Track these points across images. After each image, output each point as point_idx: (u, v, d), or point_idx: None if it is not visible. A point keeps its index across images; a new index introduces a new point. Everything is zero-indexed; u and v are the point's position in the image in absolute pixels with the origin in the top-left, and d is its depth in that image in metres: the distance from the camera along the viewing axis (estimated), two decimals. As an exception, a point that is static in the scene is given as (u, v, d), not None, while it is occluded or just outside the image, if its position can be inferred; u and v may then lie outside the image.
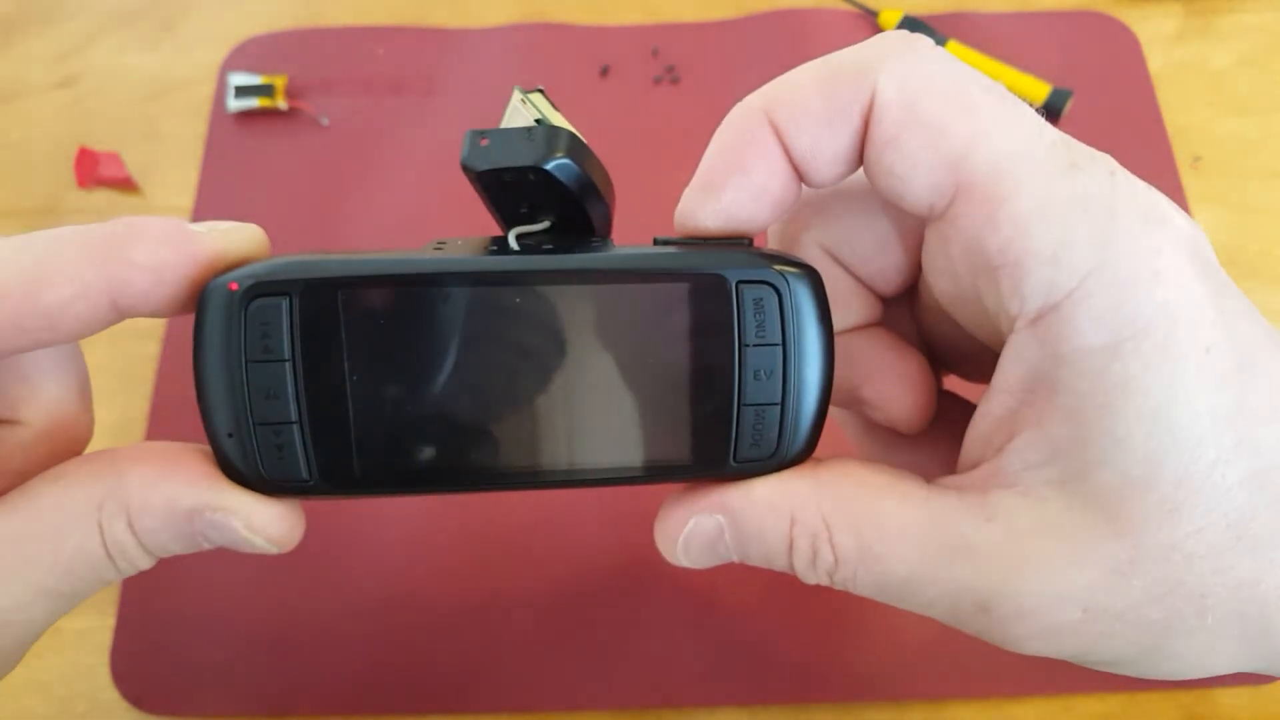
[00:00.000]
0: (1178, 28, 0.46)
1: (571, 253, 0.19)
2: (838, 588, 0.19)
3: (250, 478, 0.18)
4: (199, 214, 0.43)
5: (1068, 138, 0.18)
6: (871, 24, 0.46)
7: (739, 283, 0.19)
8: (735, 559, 0.20)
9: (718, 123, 0.25)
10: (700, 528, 0.20)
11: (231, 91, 0.44)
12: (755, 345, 0.19)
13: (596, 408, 0.19)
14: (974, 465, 0.19)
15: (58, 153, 0.44)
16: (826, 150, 0.18)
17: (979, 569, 0.17)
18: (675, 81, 0.45)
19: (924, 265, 0.20)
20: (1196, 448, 0.16)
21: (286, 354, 0.18)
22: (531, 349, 0.19)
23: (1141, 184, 0.17)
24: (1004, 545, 0.17)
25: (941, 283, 0.19)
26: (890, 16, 0.46)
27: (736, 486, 0.19)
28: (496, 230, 0.22)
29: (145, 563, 0.19)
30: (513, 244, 0.20)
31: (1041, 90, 0.43)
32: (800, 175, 0.19)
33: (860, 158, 0.19)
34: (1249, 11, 0.47)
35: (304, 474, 0.18)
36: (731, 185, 0.19)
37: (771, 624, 0.34)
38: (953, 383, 0.24)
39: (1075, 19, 0.46)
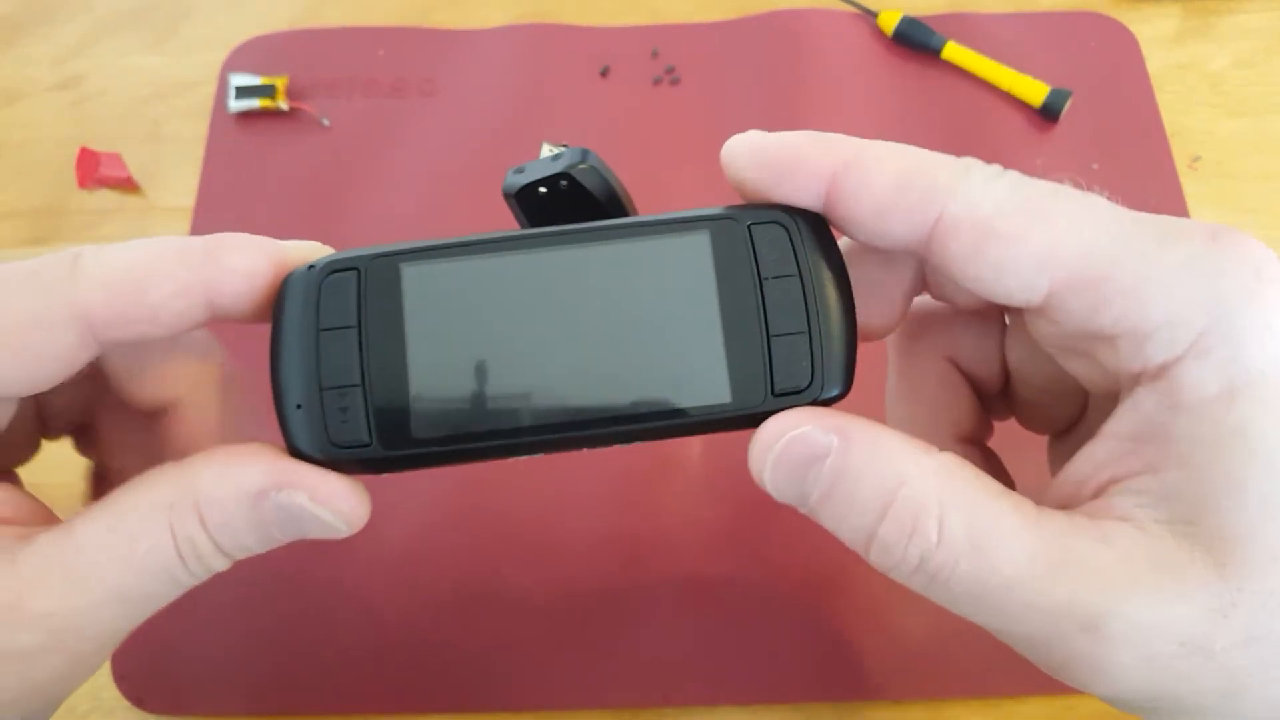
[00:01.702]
0: (1176, 29, 0.47)
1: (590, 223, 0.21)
2: (914, 576, 0.18)
3: (315, 452, 0.20)
4: (200, 214, 0.43)
5: (1158, 216, 0.18)
6: (870, 25, 0.46)
7: (751, 224, 0.20)
8: (814, 499, 0.19)
9: (717, 123, 0.25)
10: (807, 441, 0.18)
11: (232, 92, 0.44)
12: (774, 278, 0.20)
13: (638, 358, 0.20)
14: (1065, 506, 0.19)
15: (59, 153, 0.44)
16: (868, 225, 0.20)
17: (1092, 585, 0.17)
18: (675, 82, 0.45)
19: (1016, 339, 0.22)
20: None
21: (353, 321, 0.20)
22: (571, 308, 0.20)
23: (1249, 241, 0.18)
24: (1119, 567, 0.17)
25: (1039, 358, 0.21)
26: (889, 17, 0.46)
27: (863, 422, 0.19)
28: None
29: (218, 562, 0.20)
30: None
31: (1040, 91, 0.43)
32: (832, 216, 0.20)
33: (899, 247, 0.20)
34: (1247, 13, 0.47)
35: (365, 437, 0.20)
36: (768, 170, 0.20)
37: (772, 623, 0.34)
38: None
39: (1074, 20, 0.46)
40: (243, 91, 0.44)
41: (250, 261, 0.20)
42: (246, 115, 0.45)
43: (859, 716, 0.33)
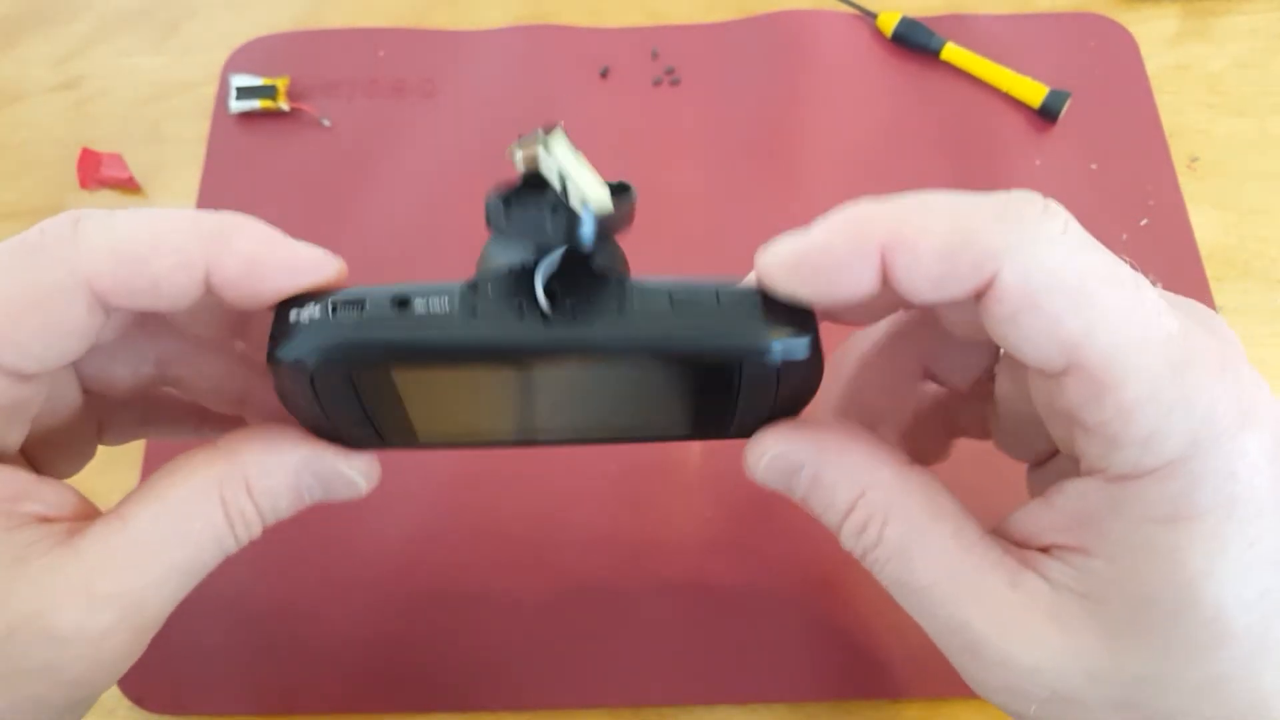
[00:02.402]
0: (1175, 29, 0.47)
1: (596, 316, 0.20)
2: (862, 561, 0.22)
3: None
4: (201, 215, 0.43)
5: (1190, 324, 0.19)
6: (870, 26, 0.47)
7: (744, 362, 0.20)
8: (798, 496, 0.22)
9: (717, 124, 0.24)
10: (792, 455, 0.22)
11: (233, 93, 0.44)
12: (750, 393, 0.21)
13: (623, 413, 0.23)
14: (1017, 543, 0.22)
15: (60, 154, 0.44)
16: (926, 296, 0.19)
17: (986, 617, 0.20)
18: (675, 83, 0.45)
19: (1008, 374, 0.23)
20: (1217, 621, 0.18)
21: (354, 402, 0.21)
22: (572, 396, 0.22)
23: (1248, 374, 0.19)
24: (1016, 612, 0.20)
25: (1024, 401, 0.22)
26: (888, 19, 0.46)
27: (837, 436, 0.22)
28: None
29: (258, 529, 0.22)
30: (541, 301, 0.20)
31: (1039, 92, 0.43)
32: (885, 293, 0.20)
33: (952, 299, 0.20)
34: (1246, 13, 0.47)
35: (379, 444, 0.23)
36: (813, 280, 0.20)
37: (771, 623, 0.34)
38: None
39: (1073, 21, 0.47)
40: (244, 92, 0.44)
41: (253, 249, 0.20)
42: (247, 116, 0.45)
43: (857, 715, 0.33)
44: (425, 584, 0.35)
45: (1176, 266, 0.40)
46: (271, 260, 0.20)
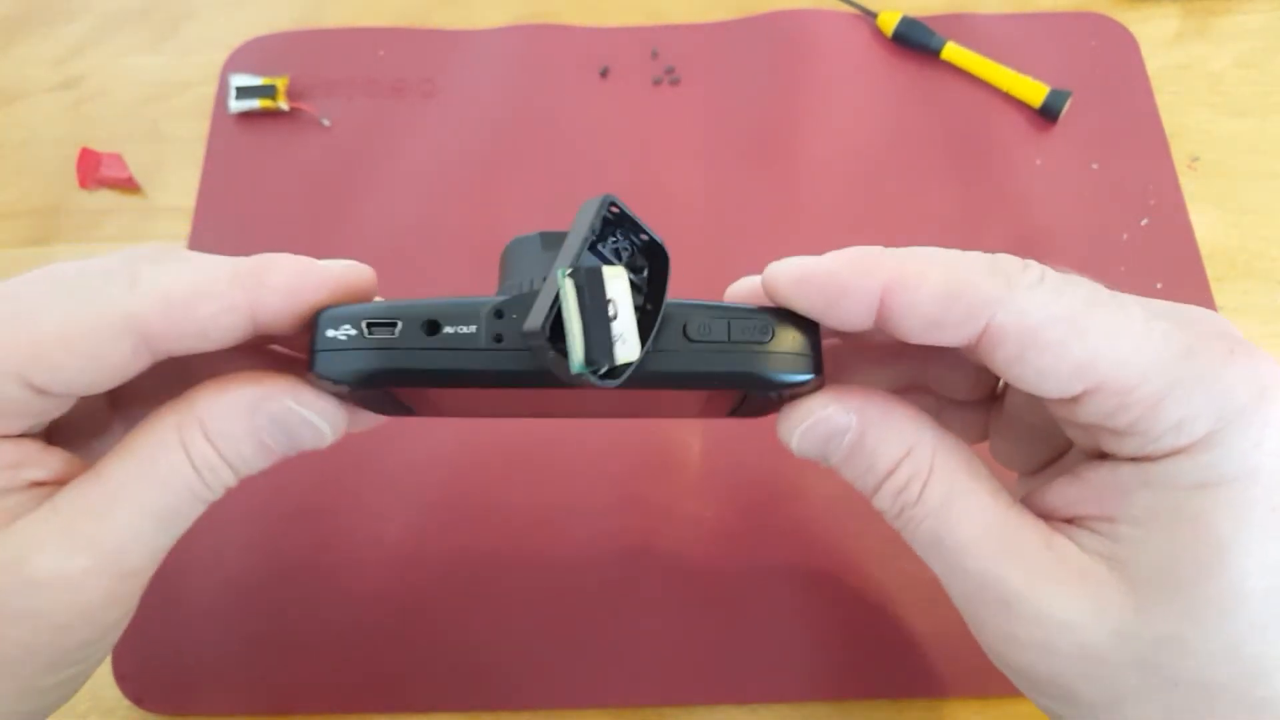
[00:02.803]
0: (1176, 29, 0.47)
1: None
2: (895, 520, 0.23)
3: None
4: (201, 214, 0.43)
5: (1182, 319, 0.21)
6: (870, 25, 0.47)
7: (751, 389, 0.21)
8: (833, 461, 0.23)
9: (717, 124, 0.24)
10: (831, 421, 0.22)
11: (233, 92, 0.44)
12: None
13: (638, 408, 0.24)
14: (1040, 514, 0.22)
15: (60, 153, 0.44)
16: (920, 337, 0.21)
17: (1021, 570, 0.21)
18: (675, 83, 0.45)
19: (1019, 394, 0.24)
20: (1238, 583, 0.19)
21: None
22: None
23: (1261, 355, 0.20)
24: (1050, 566, 0.21)
25: (1034, 414, 0.23)
26: (889, 18, 0.46)
27: (879, 400, 0.22)
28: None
29: (225, 473, 0.22)
30: None
31: (1039, 91, 0.43)
32: (882, 329, 0.21)
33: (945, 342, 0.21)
34: (1247, 13, 0.47)
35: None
36: (815, 299, 0.21)
37: (772, 623, 0.34)
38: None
39: (1073, 20, 0.47)
40: (243, 92, 0.44)
41: (290, 281, 0.21)
42: (247, 115, 0.45)
43: (858, 715, 0.33)
44: (425, 584, 0.35)
45: (1177, 266, 0.40)
46: (307, 286, 0.21)
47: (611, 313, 0.18)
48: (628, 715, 0.33)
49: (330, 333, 0.21)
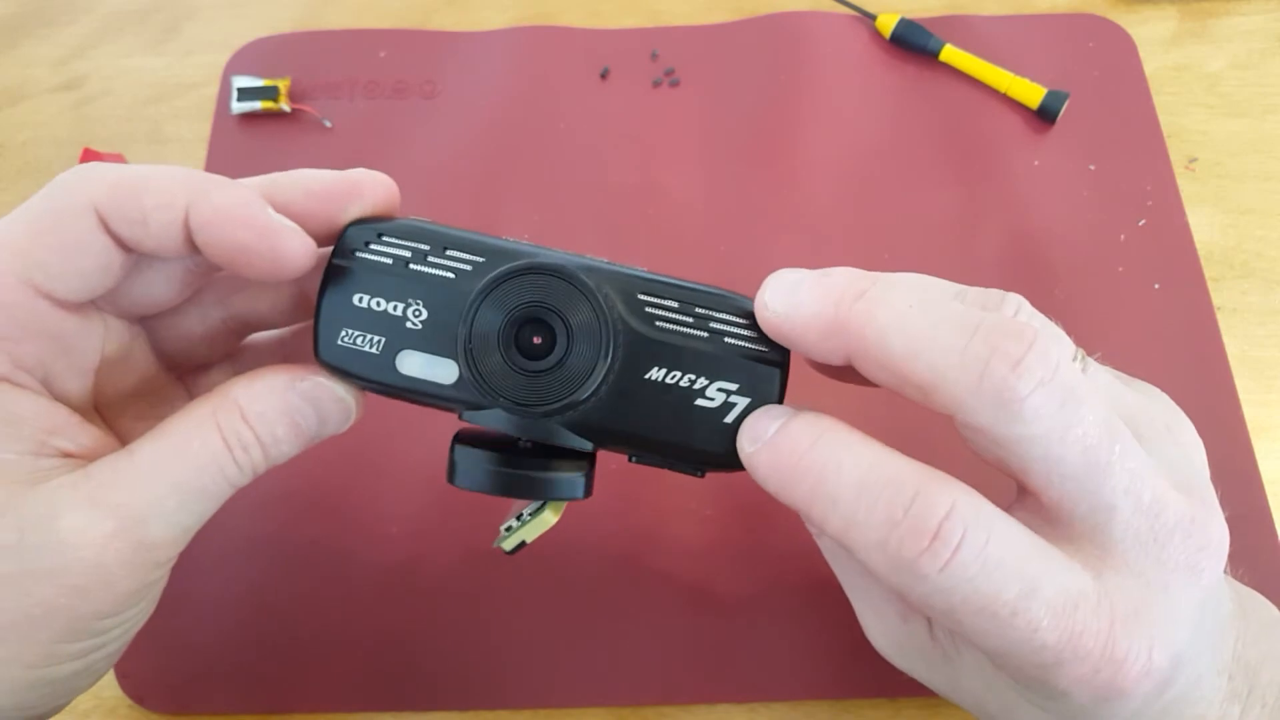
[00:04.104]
0: (1173, 30, 0.47)
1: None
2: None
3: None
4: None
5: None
6: (869, 27, 0.47)
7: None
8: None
9: (717, 125, 0.25)
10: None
11: (235, 94, 0.45)
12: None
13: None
14: None
15: (62, 154, 0.45)
16: (883, 385, 0.23)
17: (874, 628, 0.27)
18: (675, 84, 0.46)
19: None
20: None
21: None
22: None
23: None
24: (901, 639, 0.26)
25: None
26: (887, 20, 0.46)
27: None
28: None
29: (257, 453, 0.23)
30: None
31: (1037, 93, 0.44)
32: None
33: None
34: (1244, 14, 0.47)
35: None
36: (789, 343, 0.23)
37: (771, 622, 0.34)
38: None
39: (1071, 22, 0.47)
40: (245, 93, 0.45)
41: (226, 203, 0.22)
42: (249, 117, 0.45)
43: (856, 714, 0.33)
44: (425, 584, 0.35)
45: (1175, 267, 0.40)
46: (240, 219, 0.22)
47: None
48: (628, 715, 0.33)
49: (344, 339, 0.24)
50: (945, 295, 0.23)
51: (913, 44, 0.46)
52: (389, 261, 0.24)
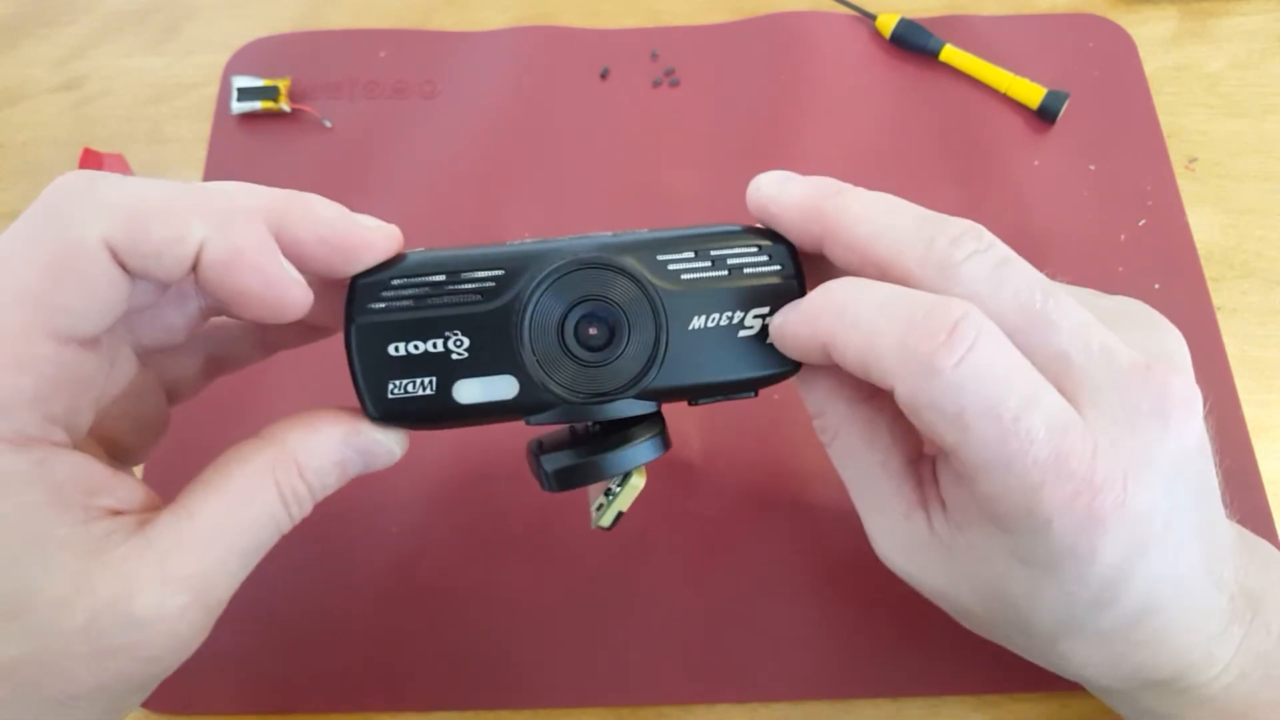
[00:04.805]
0: (1173, 30, 0.47)
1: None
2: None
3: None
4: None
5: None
6: (869, 27, 0.47)
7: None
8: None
9: (717, 125, 0.25)
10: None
11: (235, 94, 0.45)
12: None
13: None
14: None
15: (62, 154, 0.45)
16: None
17: (878, 527, 0.28)
18: (675, 84, 0.46)
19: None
20: None
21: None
22: None
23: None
24: (900, 536, 0.27)
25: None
26: (887, 20, 0.46)
27: (808, 371, 0.27)
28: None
29: (310, 506, 0.24)
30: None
31: (1037, 93, 0.44)
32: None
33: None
34: (1244, 14, 0.47)
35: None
36: (780, 216, 0.26)
37: (771, 621, 0.34)
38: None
39: (1071, 22, 0.47)
40: (245, 93, 0.45)
41: (244, 245, 0.22)
42: (249, 117, 0.45)
43: (857, 714, 0.33)
44: (425, 583, 0.35)
45: (1174, 267, 0.40)
46: (250, 264, 0.22)
47: None
48: (628, 715, 0.33)
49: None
50: (908, 203, 0.25)
51: (913, 44, 0.46)
52: (410, 303, 0.24)
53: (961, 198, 0.42)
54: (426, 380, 0.24)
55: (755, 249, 0.25)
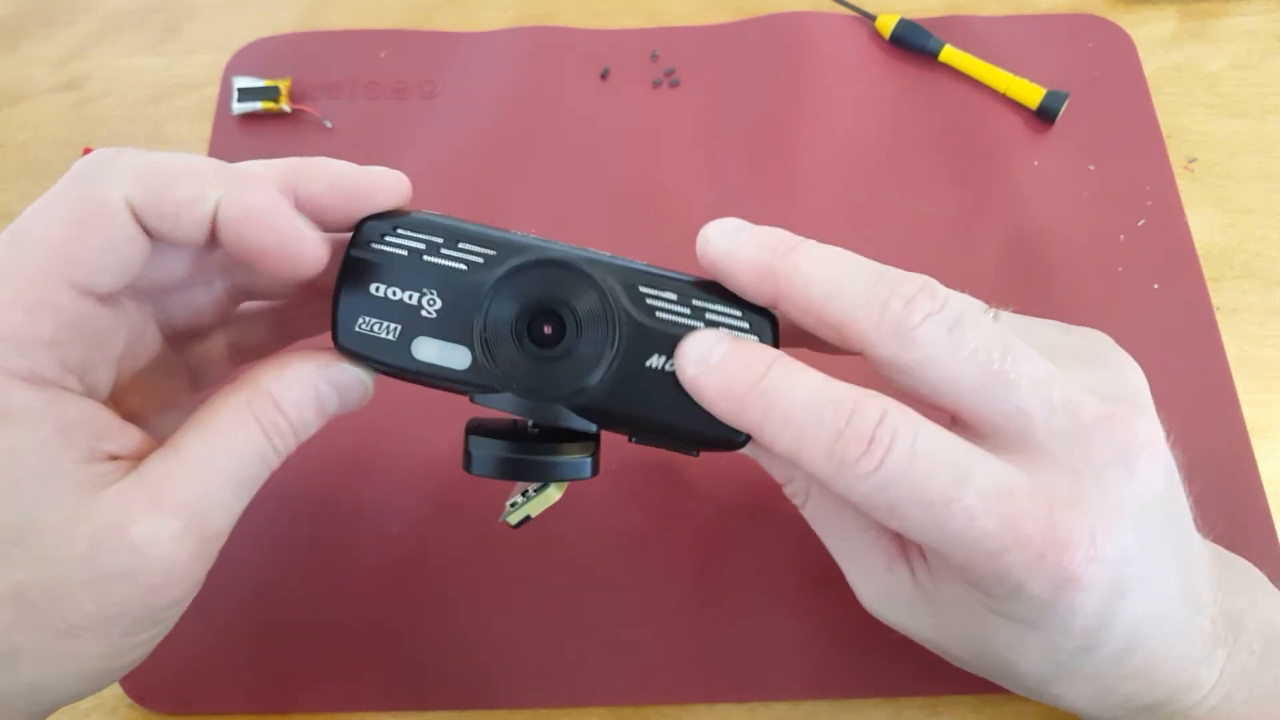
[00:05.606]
0: (1173, 31, 0.47)
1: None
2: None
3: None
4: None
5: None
6: (868, 27, 0.47)
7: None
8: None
9: (717, 126, 0.25)
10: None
11: (235, 94, 0.45)
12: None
13: None
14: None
15: (62, 154, 0.45)
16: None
17: (860, 583, 0.29)
18: (675, 85, 0.46)
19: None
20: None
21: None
22: None
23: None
24: (884, 590, 0.28)
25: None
26: (887, 20, 0.46)
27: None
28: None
29: (291, 439, 0.25)
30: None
31: (1036, 93, 0.44)
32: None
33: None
34: (1243, 15, 0.47)
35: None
36: (731, 273, 0.25)
37: (771, 621, 0.34)
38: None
39: (1070, 22, 0.47)
40: (245, 93, 0.45)
41: (259, 202, 0.23)
42: (249, 117, 0.45)
43: (856, 714, 0.33)
44: (425, 583, 0.35)
45: (1174, 267, 0.40)
46: (273, 220, 0.23)
47: None
48: (628, 714, 0.33)
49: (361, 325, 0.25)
50: (861, 259, 0.25)
51: (912, 44, 0.46)
52: (404, 254, 0.25)
53: (961, 198, 0.42)
54: (393, 326, 0.25)
55: (739, 314, 0.25)
